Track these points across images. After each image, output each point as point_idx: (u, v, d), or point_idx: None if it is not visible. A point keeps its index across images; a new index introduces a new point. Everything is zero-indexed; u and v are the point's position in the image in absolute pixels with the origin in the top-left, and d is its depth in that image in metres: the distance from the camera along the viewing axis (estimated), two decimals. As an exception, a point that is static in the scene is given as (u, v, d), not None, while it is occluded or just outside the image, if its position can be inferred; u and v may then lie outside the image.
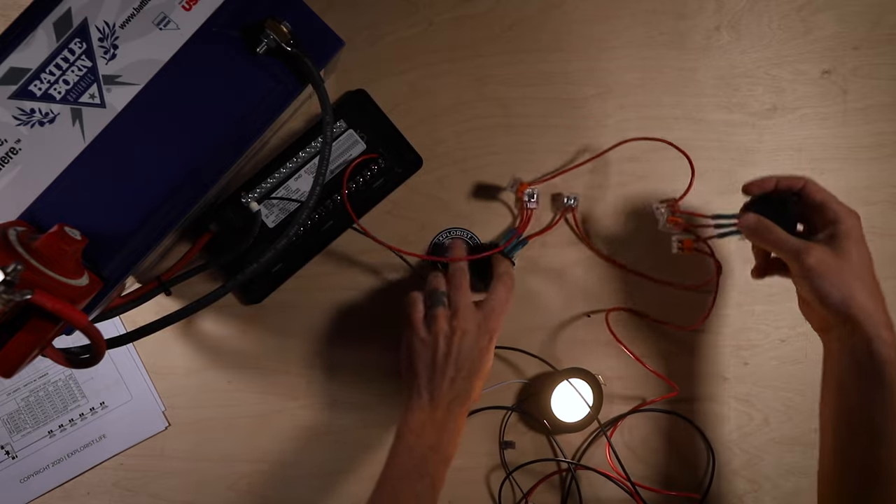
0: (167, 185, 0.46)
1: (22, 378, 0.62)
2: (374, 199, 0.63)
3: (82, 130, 0.45)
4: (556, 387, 0.62)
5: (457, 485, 0.64)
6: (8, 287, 0.34)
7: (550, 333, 0.65)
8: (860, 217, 0.53)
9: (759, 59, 0.66)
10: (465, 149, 0.65)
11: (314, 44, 0.48)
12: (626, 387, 0.65)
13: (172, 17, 0.46)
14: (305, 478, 0.64)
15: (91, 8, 0.45)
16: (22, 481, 0.62)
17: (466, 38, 0.65)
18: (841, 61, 0.67)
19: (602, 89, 0.65)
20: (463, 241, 0.63)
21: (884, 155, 0.67)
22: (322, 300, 0.64)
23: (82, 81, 0.45)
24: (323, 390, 0.64)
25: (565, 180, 0.65)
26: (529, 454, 0.65)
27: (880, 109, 0.67)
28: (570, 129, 0.65)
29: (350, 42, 0.50)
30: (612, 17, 0.66)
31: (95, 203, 0.45)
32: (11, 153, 0.45)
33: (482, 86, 0.65)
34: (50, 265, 0.39)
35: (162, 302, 0.61)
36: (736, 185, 0.66)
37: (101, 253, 0.45)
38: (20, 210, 0.45)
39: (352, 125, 0.63)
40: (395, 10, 0.64)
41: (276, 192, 0.62)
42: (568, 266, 0.65)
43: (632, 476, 0.63)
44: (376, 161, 0.63)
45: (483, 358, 0.55)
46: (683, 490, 0.65)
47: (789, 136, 0.66)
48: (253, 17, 0.47)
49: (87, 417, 0.63)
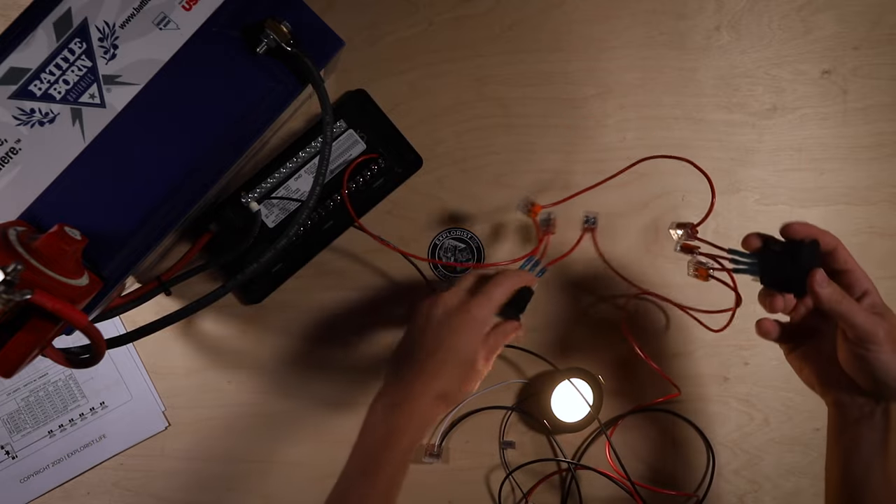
0: (167, 185, 0.46)
1: (22, 378, 0.62)
2: (374, 199, 0.63)
3: (82, 130, 0.45)
4: (557, 387, 0.62)
5: (457, 485, 0.64)
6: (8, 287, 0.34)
7: (550, 333, 0.65)
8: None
9: (759, 59, 0.66)
10: (465, 149, 0.65)
11: (314, 44, 0.48)
12: (627, 387, 0.65)
13: (172, 17, 0.46)
14: (306, 478, 0.64)
15: (91, 8, 0.45)
16: (22, 481, 0.62)
17: (466, 38, 0.65)
18: (841, 61, 0.67)
19: (602, 89, 0.65)
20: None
21: (884, 155, 0.67)
22: (322, 300, 0.64)
23: (82, 81, 0.45)
24: (323, 390, 0.64)
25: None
26: (529, 454, 0.65)
27: (880, 109, 0.67)
28: (570, 129, 0.65)
29: (350, 42, 0.50)
30: (612, 17, 0.66)
31: (95, 203, 0.45)
32: (11, 153, 0.45)
33: (482, 86, 0.65)
34: (50, 265, 0.39)
35: (162, 302, 0.61)
36: (736, 185, 0.66)
37: (101, 253, 0.45)
38: (20, 210, 0.45)
39: (352, 125, 0.63)
40: (395, 10, 0.64)
41: (276, 191, 0.62)
42: (575, 268, 0.65)
43: (632, 476, 0.63)
44: (376, 161, 0.63)
45: (462, 340, 0.51)
46: (683, 490, 0.65)
47: (789, 136, 0.66)
48: (253, 17, 0.47)
49: (87, 417, 0.63)
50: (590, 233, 0.64)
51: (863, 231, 0.66)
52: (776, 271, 0.49)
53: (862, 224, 0.66)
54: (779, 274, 0.49)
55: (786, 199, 0.66)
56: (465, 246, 0.65)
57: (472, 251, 0.65)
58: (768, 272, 0.50)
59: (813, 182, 0.66)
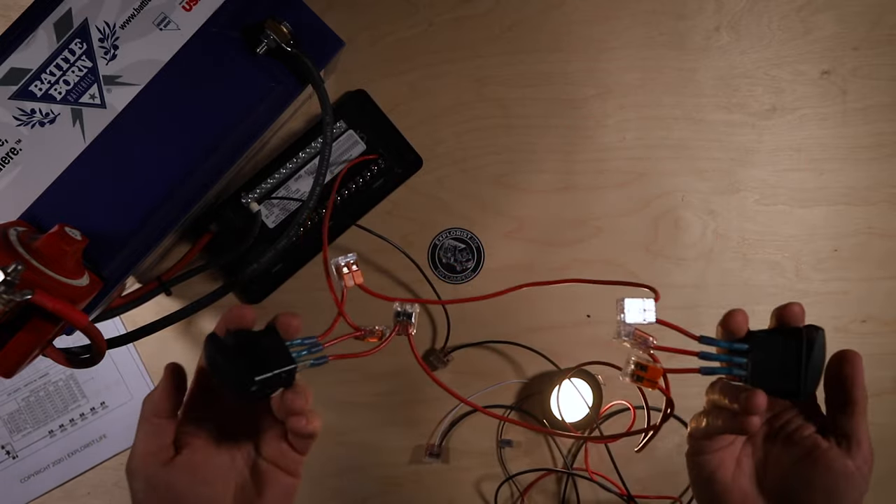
0: (167, 186, 0.46)
1: (22, 378, 0.62)
2: (374, 200, 0.64)
3: (83, 131, 0.45)
4: (556, 386, 0.62)
5: (456, 484, 0.64)
6: (8, 287, 0.35)
7: (550, 333, 0.65)
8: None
9: (758, 60, 0.66)
10: (465, 149, 0.65)
11: (314, 44, 0.48)
12: (627, 387, 0.65)
13: (173, 18, 0.46)
14: (306, 478, 0.64)
15: (91, 8, 0.45)
16: (22, 481, 0.62)
17: (466, 38, 0.65)
18: (840, 62, 0.67)
19: (602, 90, 0.65)
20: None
21: (883, 155, 0.67)
22: (322, 300, 0.64)
23: (83, 82, 0.45)
24: (323, 390, 0.64)
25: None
26: (529, 454, 0.65)
27: (880, 110, 0.67)
28: (570, 129, 0.65)
29: (350, 42, 0.50)
30: (611, 18, 0.66)
31: (96, 203, 0.45)
32: (12, 153, 0.45)
33: (482, 86, 0.65)
34: (50, 265, 0.39)
35: (162, 302, 0.62)
36: (735, 186, 0.66)
37: (101, 253, 0.45)
38: (21, 210, 0.45)
39: (352, 125, 0.63)
40: (395, 10, 0.64)
41: (276, 192, 0.62)
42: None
43: (631, 477, 0.63)
44: (376, 161, 0.63)
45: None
46: (684, 491, 0.65)
47: (789, 136, 0.66)
48: (253, 18, 0.47)
49: (88, 417, 0.63)
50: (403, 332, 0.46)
51: (862, 231, 0.66)
52: (773, 368, 0.38)
53: (861, 224, 0.66)
54: (778, 371, 0.38)
55: (785, 199, 0.66)
56: (465, 246, 0.65)
57: (471, 251, 0.65)
58: (762, 370, 0.38)
59: (812, 182, 0.66)
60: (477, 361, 0.64)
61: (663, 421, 0.42)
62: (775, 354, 0.38)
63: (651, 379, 0.40)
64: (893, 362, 0.66)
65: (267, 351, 0.39)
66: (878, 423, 0.65)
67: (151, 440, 0.40)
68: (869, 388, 0.45)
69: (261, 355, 0.38)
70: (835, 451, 0.39)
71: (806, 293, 0.66)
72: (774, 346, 0.38)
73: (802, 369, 0.38)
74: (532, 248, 0.65)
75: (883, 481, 0.64)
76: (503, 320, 0.64)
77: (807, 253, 0.66)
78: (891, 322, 0.66)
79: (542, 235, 0.65)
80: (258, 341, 0.39)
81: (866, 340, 0.66)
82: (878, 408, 0.65)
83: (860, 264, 0.66)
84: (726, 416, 0.39)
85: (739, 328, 0.40)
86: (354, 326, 0.44)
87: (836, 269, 0.66)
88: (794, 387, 0.38)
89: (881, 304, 0.66)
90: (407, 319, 0.45)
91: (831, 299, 0.66)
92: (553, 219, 0.65)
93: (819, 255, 0.66)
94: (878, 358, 0.66)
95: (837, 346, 0.42)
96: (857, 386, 0.39)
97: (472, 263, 0.65)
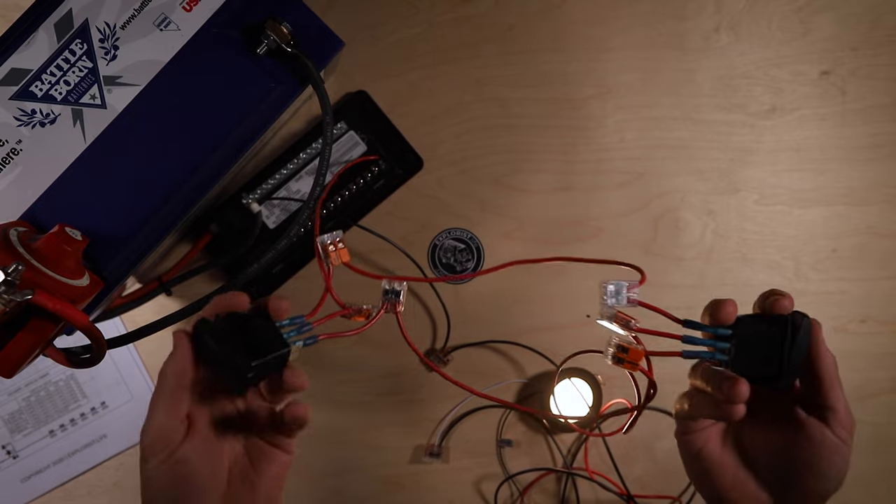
0: (168, 186, 0.46)
1: (23, 378, 0.62)
2: (375, 200, 0.64)
3: (83, 131, 0.45)
4: (556, 386, 0.62)
5: (456, 484, 0.64)
6: (9, 287, 0.35)
7: (550, 333, 0.65)
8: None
9: (758, 60, 0.66)
10: (466, 149, 0.65)
11: (314, 44, 0.48)
12: (626, 387, 0.65)
13: (173, 18, 0.46)
14: (306, 477, 0.64)
15: (92, 9, 0.45)
16: (23, 481, 0.62)
17: (466, 38, 0.65)
18: (840, 62, 0.67)
19: (601, 90, 0.66)
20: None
21: (882, 155, 0.67)
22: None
23: (83, 82, 0.45)
24: (324, 390, 0.64)
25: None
26: (529, 454, 0.65)
27: (879, 110, 0.67)
28: (570, 129, 0.65)
29: (350, 43, 0.50)
30: (611, 18, 0.66)
31: (96, 203, 0.46)
32: (13, 154, 0.45)
33: (482, 86, 0.65)
34: (51, 265, 0.39)
35: (162, 302, 0.62)
36: (735, 186, 0.66)
37: (101, 253, 0.45)
38: (21, 210, 0.45)
39: (352, 126, 0.63)
40: (396, 10, 0.64)
41: (276, 192, 0.62)
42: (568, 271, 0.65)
43: (631, 476, 0.63)
44: (377, 162, 0.63)
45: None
46: (683, 491, 0.65)
47: (788, 136, 0.67)
48: (253, 18, 0.47)
49: (88, 417, 0.63)
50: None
51: (861, 231, 0.66)
52: (756, 354, 0.38)
53: (860, 225, 0.66)
54: (760, 357, 0.37)
55: (785, 199, 0.66)
56: (465, 246, 0.65)
57: (472, 251, 0.65)
58: (745, 356, 0.38)
59: (812, 182, 0.67)
60: (477, 361, 0.65)
61: (646, 402, 0.42)
62: (760, 341, 0.38)
63: (632, 361, 0.40)
64: (892, 362, 0.66)
65: (258, 334, 0.39)
66: (878, 423, 0.65)
67: (173, 414, 0.39)
68: (868, 387, 0.45)
69: (253, 340, 0.38)
70: (813, 424, 0.39)
71: (805, 293, 0.66)
72: (759, 333, 0.38)
73: (785, 358, 0.37)
74: (532, 248, 0.65)
75: (883, 481, 0.64)
76: (503, 320, 0.64)
77: (806, 253, 0.66)
78: (890, 322, 0.66)
79: (542, 235, 0.65)
80: (248, 324, 0.39)
81: (865, 340, 0.66)
82: (877, 408, 0.65)
83: (859, 264, 0.66)
84: (710, 403, 0.39)
85: (728, 319, 0.39)
86: (341, 304, 0.44)
87: (835, 269, 0.66)
88: (774, 374, 0.38)
89: (880, 305, 0.66)
90: (395, 297, 0.45)
91: (830, 299, 0.66)
92: (553, 219, 0.65)
93: (818, 255, 0.66)
94: (877, 358, 0.66)
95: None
96: (820, 354, 0.39)
97: (472, 263, 0.65)
